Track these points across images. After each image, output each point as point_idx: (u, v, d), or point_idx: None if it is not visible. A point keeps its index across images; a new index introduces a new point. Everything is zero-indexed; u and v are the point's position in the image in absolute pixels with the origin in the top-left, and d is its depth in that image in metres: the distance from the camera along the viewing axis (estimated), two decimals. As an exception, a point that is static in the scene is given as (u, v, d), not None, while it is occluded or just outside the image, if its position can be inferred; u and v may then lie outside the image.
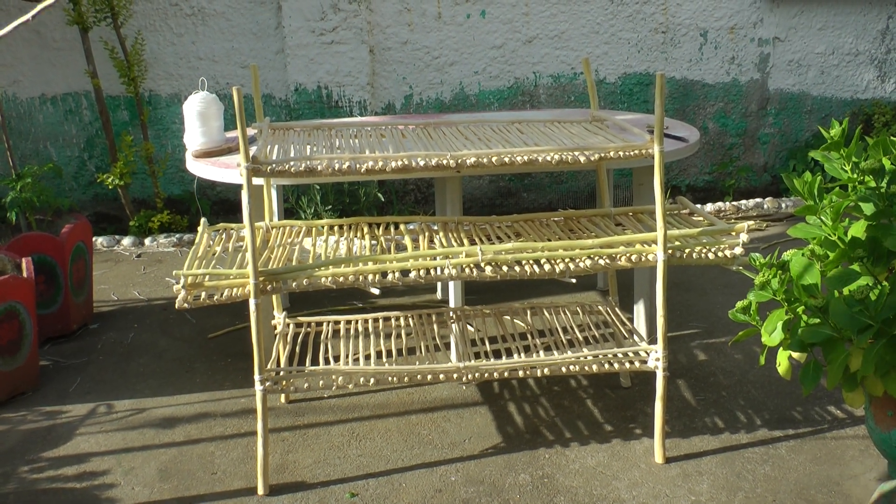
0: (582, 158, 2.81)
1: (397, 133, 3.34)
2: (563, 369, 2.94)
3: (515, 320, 3.62)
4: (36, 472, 3.03)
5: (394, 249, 3.08)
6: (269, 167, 2.65)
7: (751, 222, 5.52)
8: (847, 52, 6.23)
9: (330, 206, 5.16)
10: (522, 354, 3.09)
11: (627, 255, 2.84)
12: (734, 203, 5.89)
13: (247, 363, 3.62)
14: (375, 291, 2.82)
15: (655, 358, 2.94)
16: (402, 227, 3.27)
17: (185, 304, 2.67)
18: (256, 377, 2.78)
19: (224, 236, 3.24)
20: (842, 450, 3.04)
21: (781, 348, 2.48)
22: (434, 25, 5.73)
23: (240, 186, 3.23)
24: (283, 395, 3.45)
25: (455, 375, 2.90)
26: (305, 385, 2.88)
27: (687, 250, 2.89)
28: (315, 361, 3.18)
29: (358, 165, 2.68)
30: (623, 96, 6.05)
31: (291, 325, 3.44)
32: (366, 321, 3.49)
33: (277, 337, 3.31)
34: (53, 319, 4.08)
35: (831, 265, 2.44)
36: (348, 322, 3.49)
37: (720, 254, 2.89)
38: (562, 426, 3.24)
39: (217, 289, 2.71)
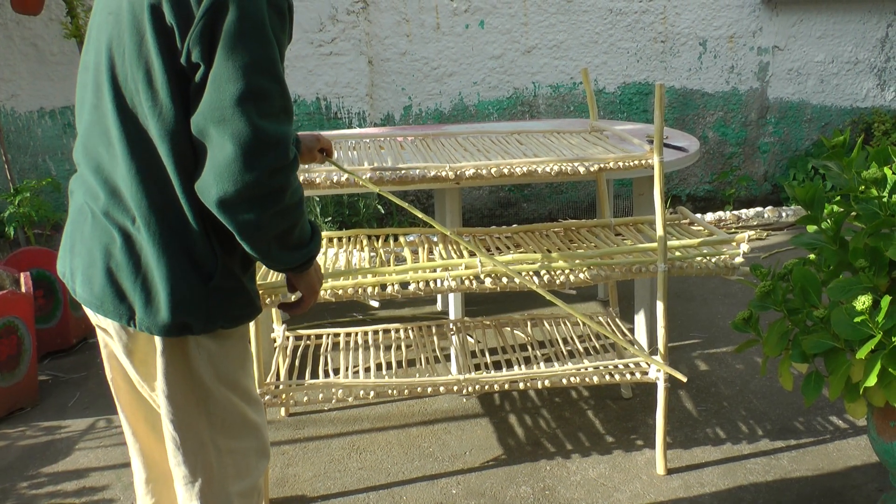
0: (581, 169, 2.81)
1: (396, 145, 3.34)
2: (564, 381, 2.92)
3: (515, 331, 3.61)
4: (35, 488, 3.01)
5: (393, 261, 3.07)
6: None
7: (751, 232, 5.51)
8: (847, 61, 6.23)
9: (329, 218, 5.15)
10: (523, 366, 3.08)
11: (627, 265, 2.83)
12: (735, 212, 5.88)
13: (246, 376, 3.60)
14: (375, 304, 2.81)
15: (656, 369, 2.93)
16: (401, 238, 3.26)
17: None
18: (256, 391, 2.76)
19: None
20: (844, 460, 3.02)
21: (783, 359, 2.47)
22: (433, 36, 5.72)
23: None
24: (282, 408, 3.43)
25: (455, 387, 2.89)
26: (305, 398, 2.87)
27: (687, 261, 2.88)
28: (315, 374, 3.17)
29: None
30: (622, 106, 6.04)
31: (291, 338, 3.43)
32: (365, 333, 3.48)
33: (277, 350, 3.30)
34: (52, 334, 4.07)
35: (832, 275, 2.43)
36: (348, 334, 3.48)
37: (721, 264, 2.88)
38: (563, 438, 3.22)
39: (216, 302, 2.69)
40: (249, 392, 1.88)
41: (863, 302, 2.14)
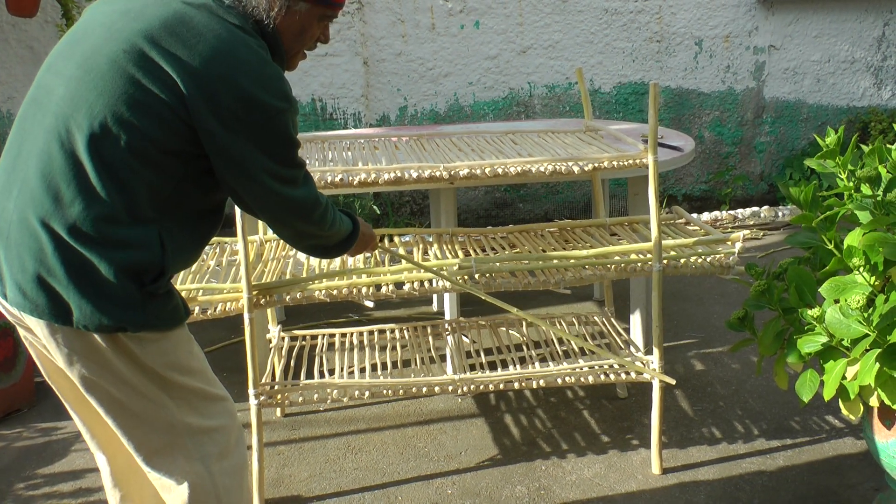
0: (575, 169, 2.80)
1: (390, 145, 3.34)
2: (559, 381, 2.92)
3: (511, 332, 3.61)
4: (31, 489, 3.01)
5: (388, 262, 3.07)
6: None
7: (746, 232, 5.51)
8: (843, 60, 6.23)
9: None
10: (518, 366, 3.08)
11: (622, 265, 2.83)
12: (731, 212, 5.88)
13: (242, 377, 3.59)
14: (370, 304, 2.81)
15: (652, 368, 2.93)
16: (396, 239, 3.26)
17: (179, 319, 2.65)
18: (251, 391, 2.77)
19: (217, 250, 3.23)
20: (840, 459, 3.03)
21: (778, 358, 2.47)
22: (428, 36, 5.72)
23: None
24: (278, 409, 3.43)
25: (451, 388, 2.89)
26: (300, 398, 2.87)
27: (682, 260, 2.88)
28: (310, 375, 3.17)
29: (350, 178, 2.68)
30: (618, 106, 6.04)
31: (286, 339, 3.43)
32: (361, 334, 3.48)
33: (272, 350, 3.30)
34: (48, 335, 4.05)
35: (827, 274, 2.43)
36: (343, 335, 3.48)
37: (716, 263, 2.88)
38: (558, 438, 3.22)
39: (211, 303, 2.70)
40: (203, 371, 1.92)
41: (857, 301, 2.14)
